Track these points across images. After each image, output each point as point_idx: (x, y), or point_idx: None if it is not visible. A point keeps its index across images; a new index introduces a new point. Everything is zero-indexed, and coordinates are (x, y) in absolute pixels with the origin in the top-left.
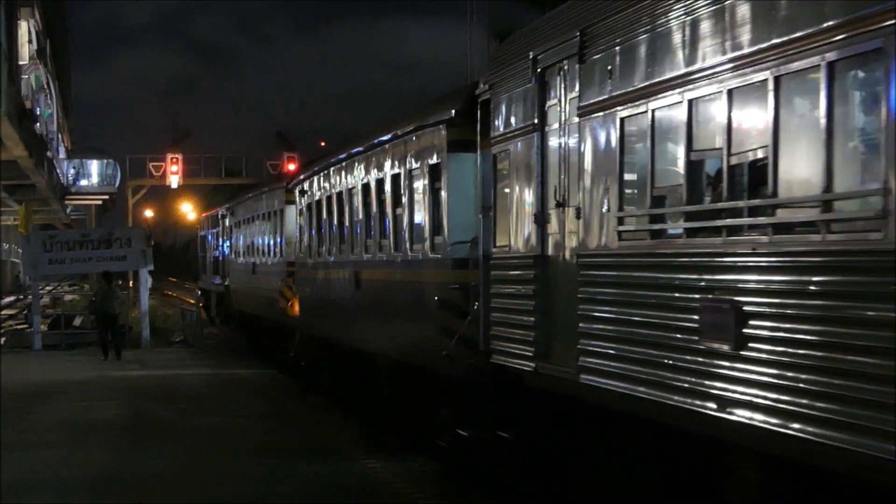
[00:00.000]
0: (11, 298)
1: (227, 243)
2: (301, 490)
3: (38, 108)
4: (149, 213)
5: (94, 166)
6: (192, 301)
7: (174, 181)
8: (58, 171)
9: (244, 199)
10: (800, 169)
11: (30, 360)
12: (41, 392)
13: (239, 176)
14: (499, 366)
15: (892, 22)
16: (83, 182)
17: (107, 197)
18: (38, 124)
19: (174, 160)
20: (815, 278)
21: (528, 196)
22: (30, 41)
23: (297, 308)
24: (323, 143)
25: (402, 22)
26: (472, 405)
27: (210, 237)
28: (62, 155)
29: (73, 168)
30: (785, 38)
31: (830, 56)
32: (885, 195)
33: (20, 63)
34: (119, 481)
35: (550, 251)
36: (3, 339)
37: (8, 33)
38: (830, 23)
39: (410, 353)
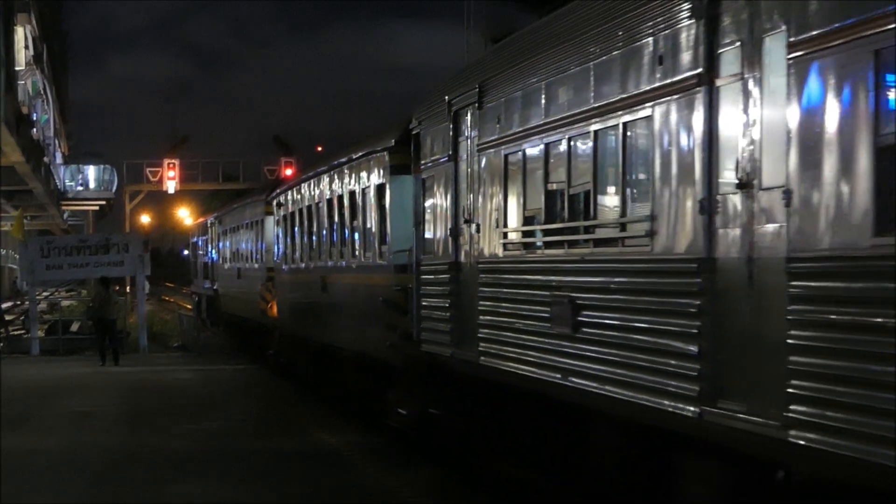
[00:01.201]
0: (9, 304)
1: (216, 250)
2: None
3: (35, 114)
4: (146, 218)
5: (91, 172)
6: (190, 307)
7: (171, 186)
8: (55, 176)
9: (230, 209)
10: (609, 200)
11: (29, 364)
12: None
13: (236, 181)
14: (428, 353)
15: (657, 99)
16: (80, 188)
17: (104, 202)
18: (35, 130)
19: (171, 165)
20: (615, 279)
21: (446, 214)
22: (26, 47)
23: (275, 310)
24: (320, 148)
25: (397, 26)
26: (408, 388)
27: (201, 243)
28: (59, 160)
29: (74, 178)
30: (601, 103)
31: (625, 118)
32: (651, 221)
33: (17, 69)
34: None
35: (462, 259)
36: (1, 344)
37: (5, 39)
38: (624, 95)
39: (365, 346)
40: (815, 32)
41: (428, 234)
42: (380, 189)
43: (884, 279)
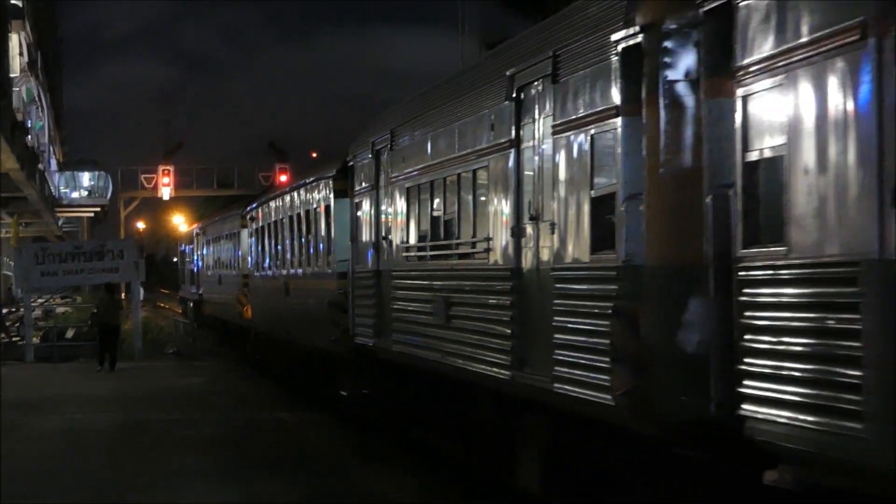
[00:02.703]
0: (5, 310)
1: (200, 258)
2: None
3: (30, 121)
4: (141, 224)
5: (85, 178)
6: (183, 312)
7: (166, 193)
8: (50, 183)
9: (213, 221)
10: (466, 225)
11: (24, 371)
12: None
13: (231, 187)
14: (361, 344)
15: (490, 154)
16: (75, 194)
17: (99, 209)
18: (29, 137)
19: (166, 172)
20: (467, 283)
21: (371, 231)
22: (21, 53)
23: (250, 313)
24: (314, 154)
25: (389, 30)
26: (348, 374)
27: (188, 251)
28: (54, 167)
29: (68, 184)
30: (461, 154)
31: (474, 166)
32: (488, 241)
33: (11, 75)
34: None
35: (381, 267)
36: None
37: None
38: (472, 149)
39: (318, 341)
40: (565, 119)
41: (360, 247)
42: (327, 209)
43: (597, 282)
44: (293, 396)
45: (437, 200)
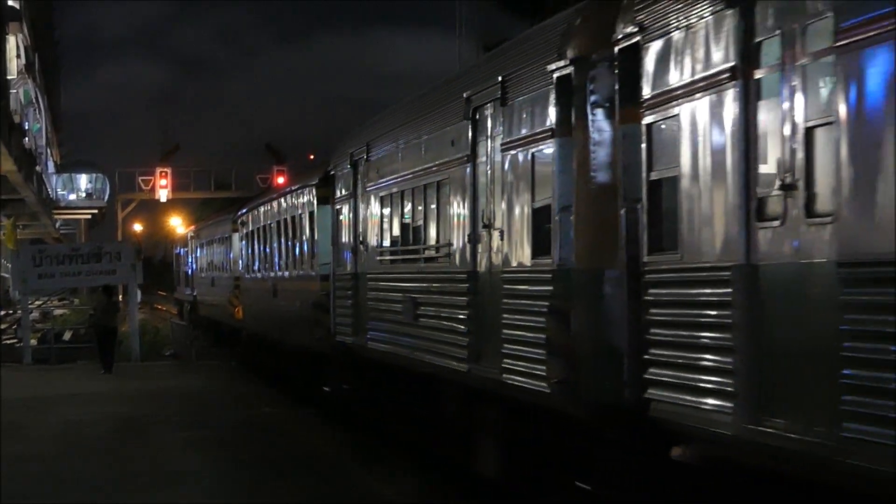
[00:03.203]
0: (2, 313)
1: (194, 261)
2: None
3: (27, 123)
4: (138, 226)
5: (83, 180)
6: (179, 313)
7: (163, 195)
8: (47, 185)
9: (206, 225)
10: (431, 231)
11: (22, 373)
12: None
13: (228, 189)
14: (341, 342)
15: (449, 168)
16: (72, 196)
17: (96, 211)
18: (27, 139)
19: (163, 174)
20: (435, 284)
21: (349, 237)
22: (18, 55)
23: (241, 313)
24: (312, 156)
25: (386, 33)
26: (330, 370)
27: (183, 254)
28: (51, 169)
29: (66, 186)
30: (425, 167)
31: (427, 180)
32: (448, 247)
33: (9, 77)
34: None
35: (359, 270)
36: None
37: None
38: (437, 162)
39: (304, 340)
40: (511, 138)
41: (340, 251)
42: (311, 215)
43: (537, 283)
44: (281, 393)
45: (406, 208)
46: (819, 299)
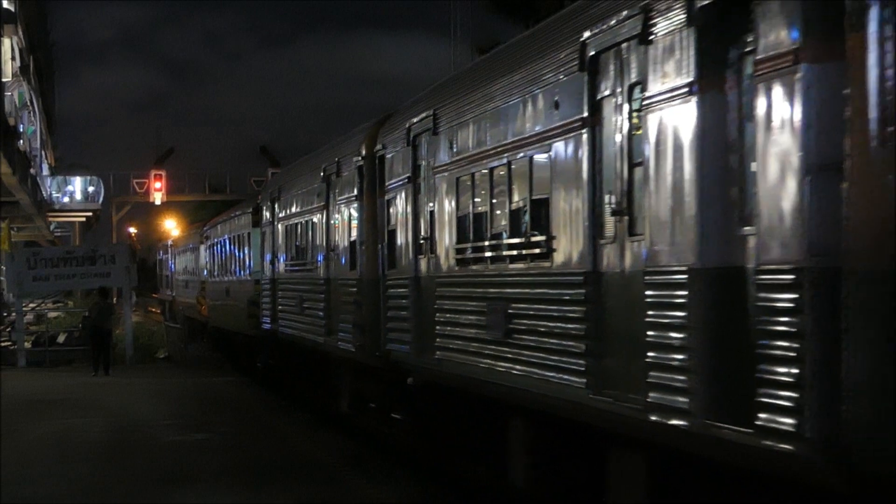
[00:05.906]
0: None
1: (172, 265)
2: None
3: (22, 125)
4: (132, 229)
5: (77, 183)
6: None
7: (158, 198)
8: (42, 187)
9: (182, 235)
10: (308, 252)
11: (16, 376)
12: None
13: (223, 192)
14: (266, 329)
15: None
16: (67, 199)
17: (91, 213)
18: (21, 141)
19: (157, 177)
20: (305, 286)
21: (272, 251)
22: (13, 58)
23: (206, 310)
24: None
25: (372, 36)
26: (259, 350)
27: (164, 259)
28: (46, 171)
29: (60, 189)
30: (308, 207)
31: (314, 215)
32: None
33: (3, 80)
34: None
35: (276, 276)
36: None
37: None
38: (312, 206)
39: (243, 328)
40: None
41: (265, 262)
42: (249, 234)
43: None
44: (232, 369)
45: (298, 233)
46: (635, 299)
